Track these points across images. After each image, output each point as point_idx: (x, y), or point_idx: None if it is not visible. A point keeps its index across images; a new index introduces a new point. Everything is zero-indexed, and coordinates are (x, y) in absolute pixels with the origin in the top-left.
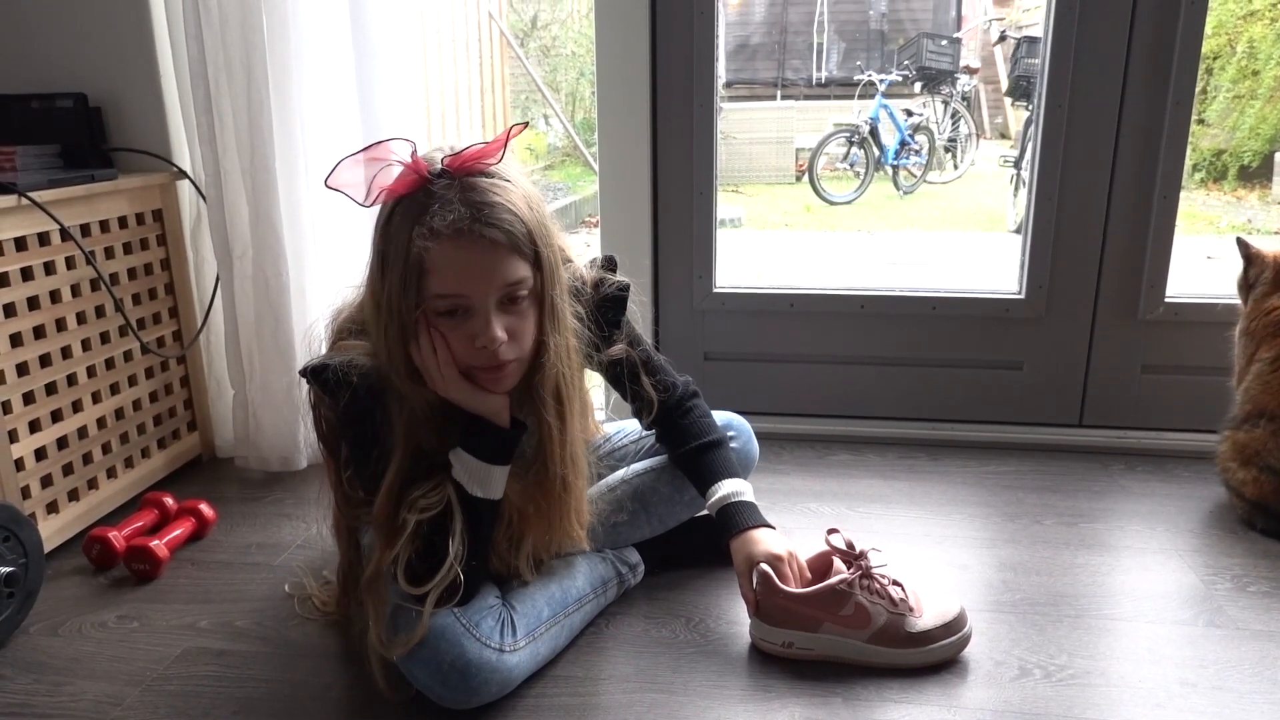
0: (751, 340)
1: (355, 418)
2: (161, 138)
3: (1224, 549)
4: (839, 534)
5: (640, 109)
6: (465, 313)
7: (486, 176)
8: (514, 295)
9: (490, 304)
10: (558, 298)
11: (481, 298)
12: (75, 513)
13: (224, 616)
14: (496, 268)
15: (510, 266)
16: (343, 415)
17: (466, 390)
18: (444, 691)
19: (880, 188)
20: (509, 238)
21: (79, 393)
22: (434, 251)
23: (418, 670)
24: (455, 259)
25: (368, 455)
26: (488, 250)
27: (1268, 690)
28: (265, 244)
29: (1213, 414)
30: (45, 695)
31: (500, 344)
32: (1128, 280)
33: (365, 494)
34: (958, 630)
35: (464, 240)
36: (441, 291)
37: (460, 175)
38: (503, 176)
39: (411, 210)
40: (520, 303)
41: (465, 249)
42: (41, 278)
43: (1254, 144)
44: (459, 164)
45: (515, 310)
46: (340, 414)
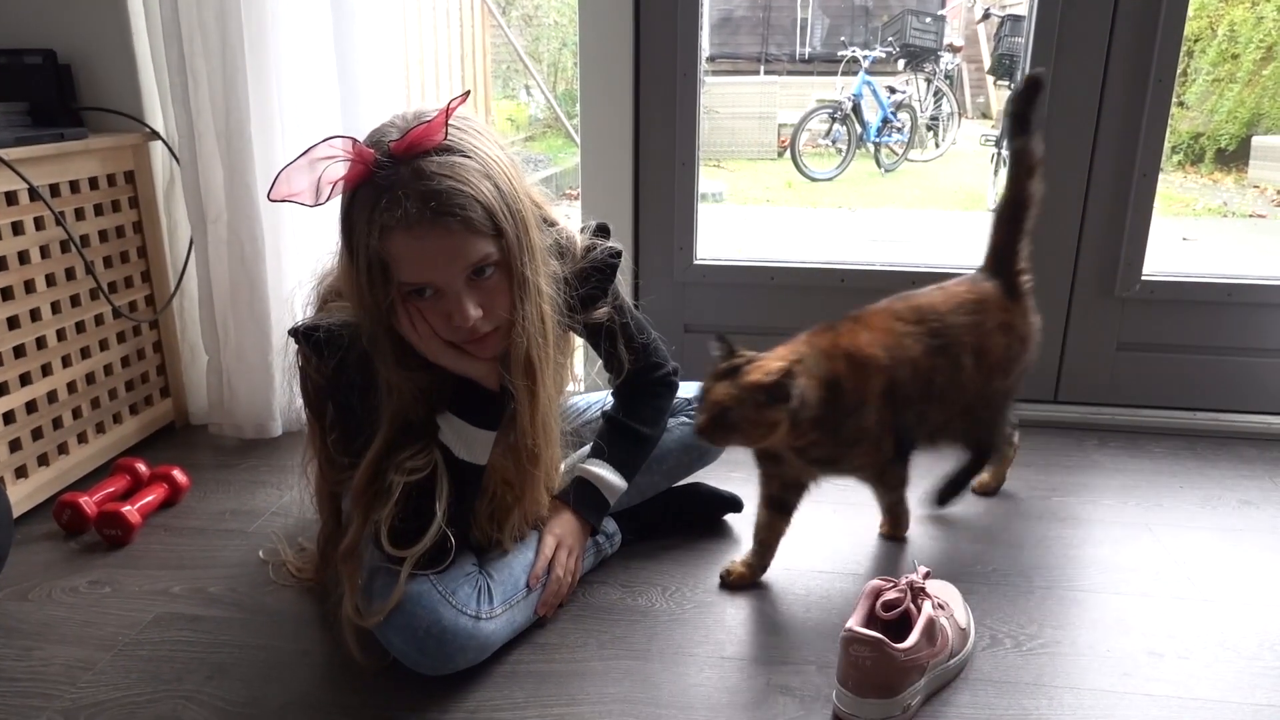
0: (732, 313)
1: (344, 380)
2: (134, 98)
3: (1193, 523)
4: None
5: (623, 80)
6: (437, 293)
7: (438, 154)
8: (480, 269)
9: (459, 285)
10: (525, 269)
11: (447, 282)
12: (45, 478)
13: (197, 582)
14: (456, 253)
15: (470, 248)
16: (332, 377)
17: (453, 356)
18: (420, 658)
19: (862, 165)
20: (464, 222)
21: (48, 356)
22: (392, 246)
23: (394, 637)
24: (413, 249)
25: (354, 419)
26: (444, 236)
27: (1231, 659)
28: (240, 208)
29: (1187, 391)
30: (14, 660)
31: (475, 320)
32: (1105, 258)
33: (349, 459)
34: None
35: (419, 230)
36: (406, 280)
37: (409, 159)
38: (458, 151)
39: (365, 201)
40: (488, 275)
41: (421, 238)
42: (9, 238)
43: (1231, 127)
44: (405, 148)
45: (484, 283)
46: (329, 376)
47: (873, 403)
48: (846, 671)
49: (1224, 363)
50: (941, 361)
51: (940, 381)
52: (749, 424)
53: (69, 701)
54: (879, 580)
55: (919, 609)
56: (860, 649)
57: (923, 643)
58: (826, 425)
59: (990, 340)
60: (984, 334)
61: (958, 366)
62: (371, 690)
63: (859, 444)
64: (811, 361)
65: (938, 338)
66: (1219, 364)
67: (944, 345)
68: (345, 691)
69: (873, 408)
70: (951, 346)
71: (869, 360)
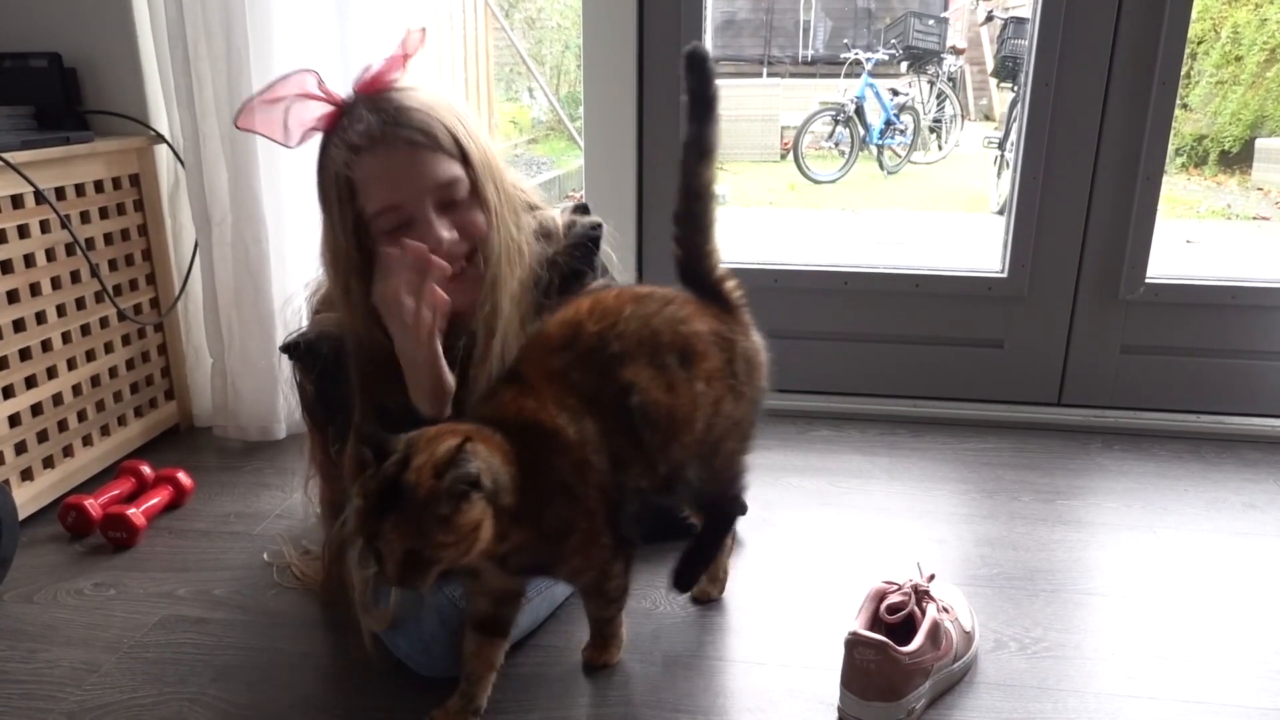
0: None
1: (334, 389)
2: (139, 101)
3: (1198, 527)
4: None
5: (626, 82)
6: (408, 226)
7: (400, 90)
8: (451, 198)
9: (428, 208)
10: (497, 197)
11: (416, 203)
12: (50, 480)
13: (202, 585)
14: (422, 169)
15: (436, 166)
16: (319, 386)
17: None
18: (425, 660)
19: (865, 167)
20: (426, 136)
21: (54, 359)
22: (356, 168)
23: (399, 639)
24: (377, 168)
25: (347, 424)
26: (408, 152)
27: (1237, 663)
28: (245, 211)
29: (1191, 394)
30: (20, 662)
31: (448, 242)
32: (1109, 260)
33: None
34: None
35: (381, 148)
36: (376, 208)
37: (371, 95)
38: (420, 89)
39: (332, 137)
40: (460, 203)
41: (384, 156)
42: (15, 241)
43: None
44: (367, 84)
45: (456, 210)
46: (316, 385)
47: (572, 480)
48: (851, 675)
49: (1228, 365)
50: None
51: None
52: (445, 545)
53: (74, 704)
54: (883, 583)
55: (923, 612)
56: (865, 652)
57: (927, 646)
58: (526, 519)
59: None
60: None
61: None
62: (375, 693)
63: (569, 538)
64: (487, 435)
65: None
66: (1223, 367)
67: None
68: (349, 694)
69: (575, 487)
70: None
71: (552, 431)
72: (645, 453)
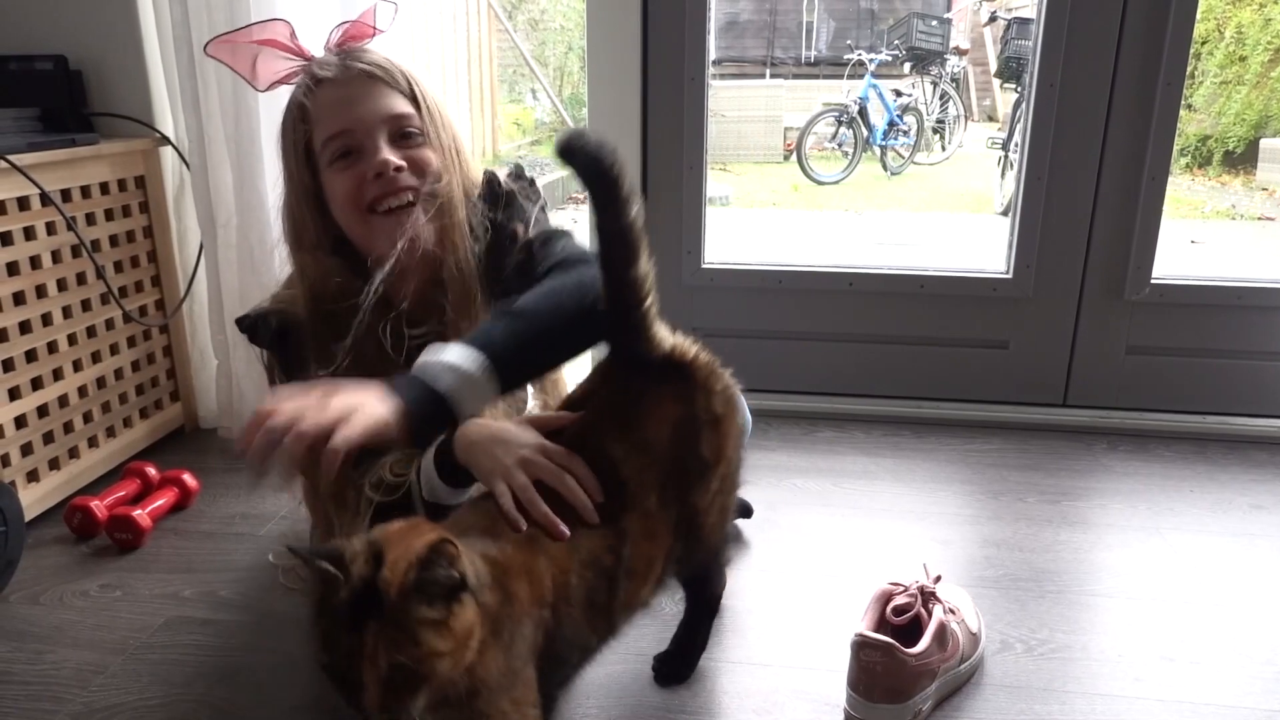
0: (739, 317)
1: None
2: (144, 103)
3: (1204, 528)
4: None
5: (630, 83)
6: (359, 152)
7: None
8: (403, 130)
9: (379, 136)
10: (446, 139)
11: (367, 130)
12: (56, 481)
13: (207, 586)
14: (375, 99)
15: (388, 99)
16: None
17: (364, 225)
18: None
19: (868, 168)
20: (383, 72)
21: (59, 360)
22: (315, 96)
23: None
24: (333, 97)
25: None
26: (363, 84)
27: (1244, 665)
28: (250, 213)
29: (1197, 395)
30: (27, 663)
31: (393, 167)
32: (1115, 261)
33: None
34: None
35: (339, 81)
36: (328, 134)
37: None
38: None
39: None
40: (413, 139)
41: (341, 87)
42: (21, 242)
43: (1239, 130)
44: (339, 42)
45: (408, 144)
46: (276, 356)
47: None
48: (857, 676)
49: (1234, 366)
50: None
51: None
52: (439, 654)
53: (81, 705)
54: (890, 585)
55: (930, 614)
56: (871, 653)
57: (934, 647)
58: (500, 628)
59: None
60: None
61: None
62: None
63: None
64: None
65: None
66: (1229, 367)
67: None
68: None
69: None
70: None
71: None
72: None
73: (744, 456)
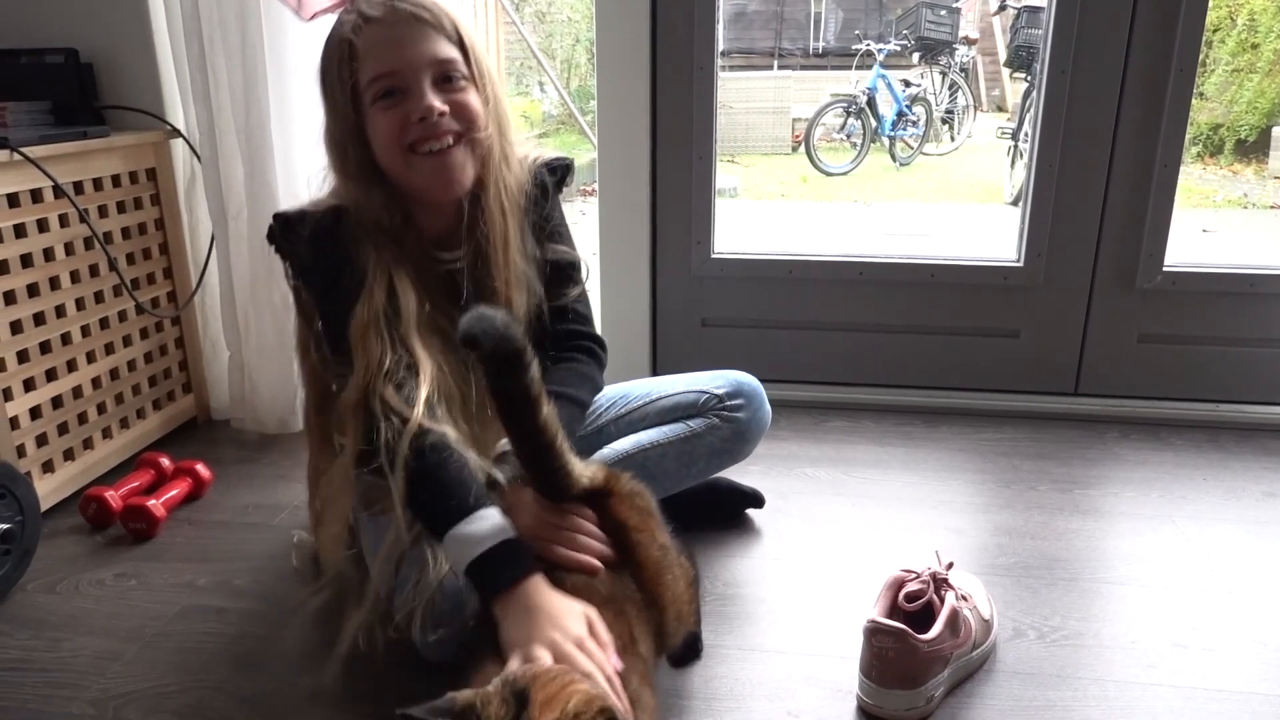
0: (749, 307)
1: (322, 259)
2: (155, 95)
3: (1217, 515)
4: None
5: (639, 74)
6: (402, 93)
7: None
8: (448, 74)
9: (424, 80)
10: (492, 91)
11: (413, 72)
12: (71, 472)
13: (222, 575)
14: (422, 42)
15: (436, 44)
16: (309, 256)
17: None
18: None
19: (876, 159)
20: (432, 15)
21: (73, 352)
22: (363, 34)
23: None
24: (380, 37)
25: (336, 304)
26: (411, 25)
27: (1257, 651)
28: (261, 204)
29: (1209, 383)
30: (44, 651)
31: (438, 112)
32: (1126, 249)
33: (336, 360)
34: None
35: (386, 22)
36: (374, 74)
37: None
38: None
39: (342, 13)
40: (456, 82)
41: (389, 27)
42: (34, 235)
43: (1251, 118)
44: None
45: (454, 90)
46: (304, 257)
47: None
48: (870, 662)
49: (1247, 354)
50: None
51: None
52: None
53: (98, 692)
54: (902, 571)
55: (942, 600)
56: (883, 640)
57: (946, 634)
58: None
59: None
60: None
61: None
62: (395, 682)
63: None
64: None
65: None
66: (1242, 355)
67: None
68: (369, 683)
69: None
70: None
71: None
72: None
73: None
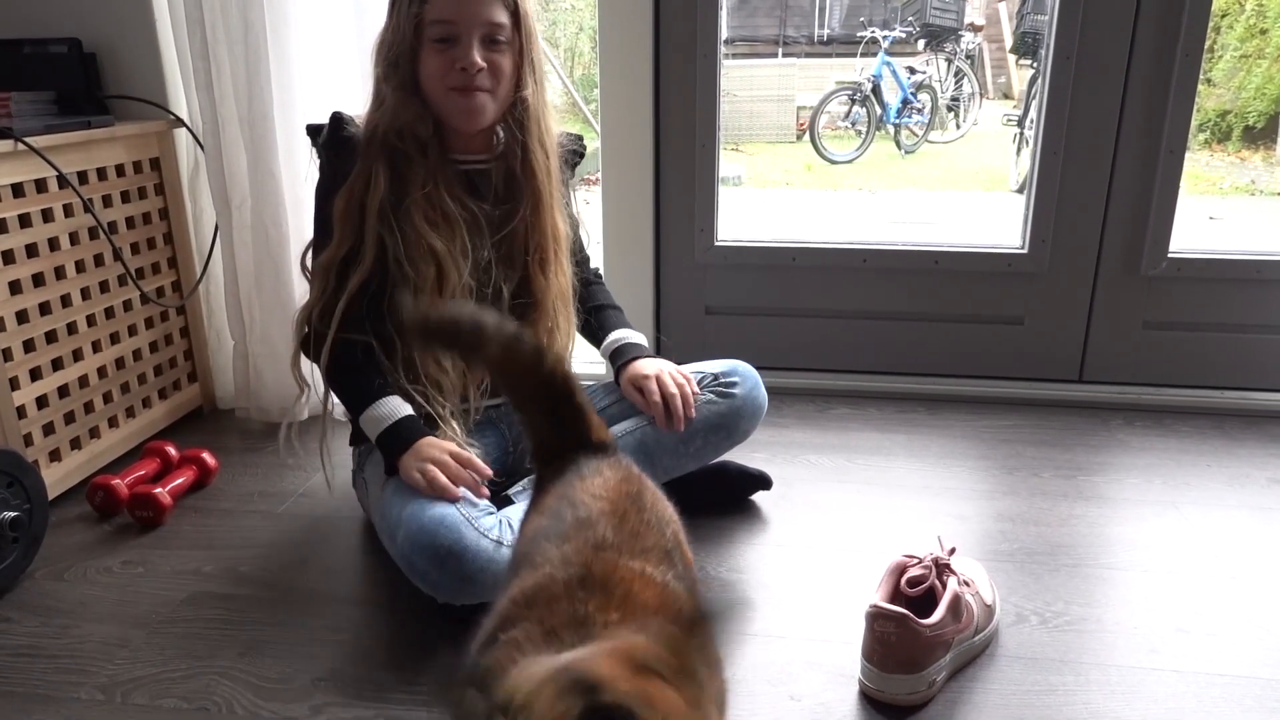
0: (753, 294)
1: (341, 169)
2: (158, 85)
3: (1221, 502)
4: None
5: (642, 62)
6: (453, 42)
7: None
8: (494, 37)
9: (474, 36)
10: (536, 54)
11: (467, 29)
12: (77, 461)
13: (228, 562)
14: (483, 4)
15: (492, 8)
16: (335, 162)
17: (445, 97)
18: (439, 577)
19: (881, 147)
20: None
21: (79, 341)
22: None
23: (416, 555)
24: None
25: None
26: None
27: (1259, 636)
28: (264, 194)
29: (1214, 370)
30: (52, 638)
31: (477, 69)
32: (1131, 235)
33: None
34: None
35: None
36: (436, 18)
37: None
38: None
39: None
40: (499, 46)
41: None
42: (39, 225)
43: (1260, 104)
44: None
45: (495, 51)
46: (331, 161)
47: None
48: (872, 647)
49: (1253, 341)
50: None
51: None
52: None
53: (106, 677)
54: (904, 556)
55: (944, 585)
56: (885, 625)
57: (948, 619)
58: None
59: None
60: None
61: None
62: (401, 667)
63: None
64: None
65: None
66: (1247, 342)
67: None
68: (375, 668)
69: None
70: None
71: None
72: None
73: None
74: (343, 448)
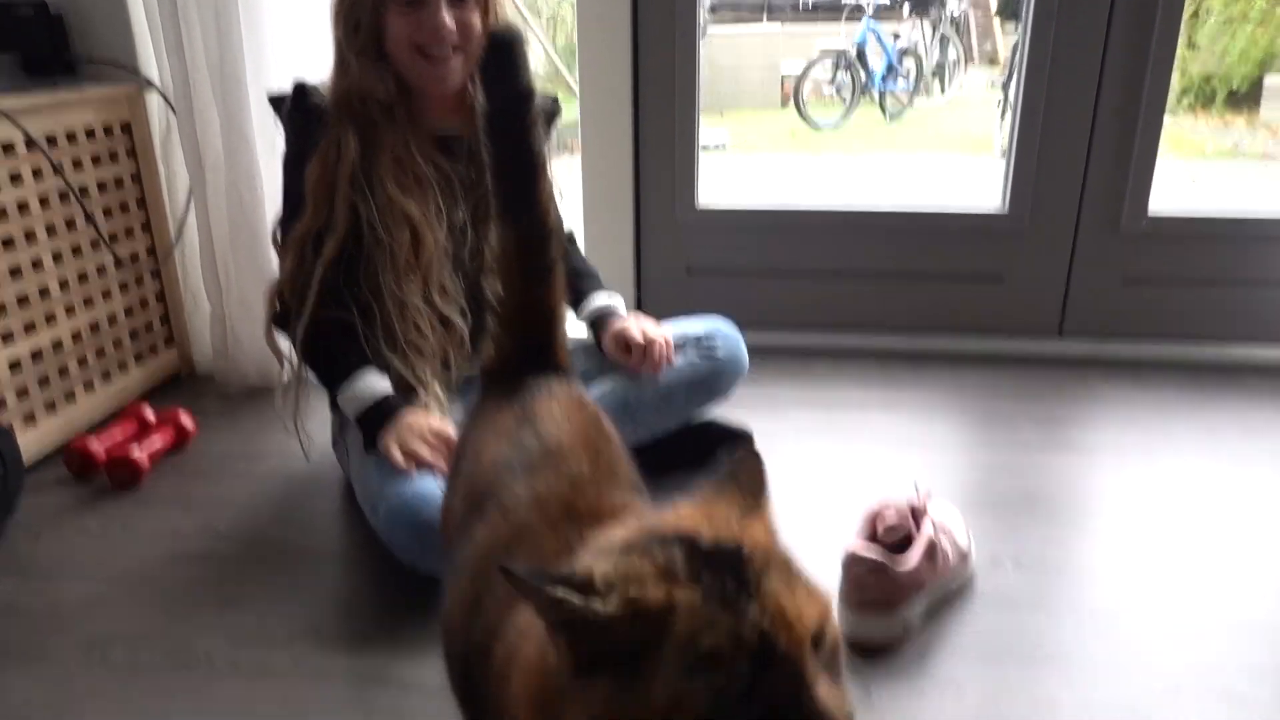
0: (736, 255)
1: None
2: (127, 48)
3: (1195, 452)
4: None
5: (621, 31)
6: (419, 3)
7: None
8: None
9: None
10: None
11: None
12: (53, 425)
13: (206, 521)
14: None
15: None
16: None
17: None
18: (420, 551)
19: (866, 112)
20: None
21: (52, 306)
22: None
23: (397, 531)
24: None
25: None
26: None
27: (1230, 579)
28: (237, 157)
29: (1192, 325)
30: (31, 596)
31: (446, 30)
32: (1111, 193)
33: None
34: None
35: None
36: None
37: None
38: None
39: None
40: (467, 3)
41: None
42: (7, 188)
43: (1243, 68)
44: None
45: (462, 8)
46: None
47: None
48: (848, 590)
49: (1229, 296)
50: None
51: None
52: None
53: (85, 635)
54: (880, 502)
55: (919, 530)
56: (861, 568)
57: (923, 563)
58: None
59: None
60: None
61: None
62: (381, 621)
63: None
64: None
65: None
66: (1224, 297)
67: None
68: (353, 622)
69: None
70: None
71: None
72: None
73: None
74: (322, 408)
